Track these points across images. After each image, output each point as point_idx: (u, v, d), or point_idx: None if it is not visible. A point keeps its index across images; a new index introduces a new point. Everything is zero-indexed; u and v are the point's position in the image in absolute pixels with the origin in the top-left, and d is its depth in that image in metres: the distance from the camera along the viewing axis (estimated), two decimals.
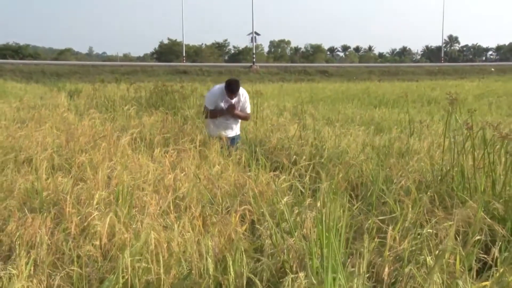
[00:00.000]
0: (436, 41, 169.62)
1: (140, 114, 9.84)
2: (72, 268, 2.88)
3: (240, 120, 7.00)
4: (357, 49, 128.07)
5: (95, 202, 3.73)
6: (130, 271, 2.79)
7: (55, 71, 37.13)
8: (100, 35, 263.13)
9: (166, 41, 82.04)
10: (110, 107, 11.57)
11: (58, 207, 3.77)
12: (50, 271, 2.94)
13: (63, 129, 7.53)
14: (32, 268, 2.91)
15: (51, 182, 4.43)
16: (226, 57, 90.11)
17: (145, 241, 3.01)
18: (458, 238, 3.11)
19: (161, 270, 2.88)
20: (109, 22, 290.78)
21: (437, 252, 2.89)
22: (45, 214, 3.53)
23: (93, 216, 3.36)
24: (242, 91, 6.68)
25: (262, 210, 3.61)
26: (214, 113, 6.68)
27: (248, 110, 6.93)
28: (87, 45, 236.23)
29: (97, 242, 3.16)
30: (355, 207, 3.74)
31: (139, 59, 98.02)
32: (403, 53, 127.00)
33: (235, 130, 6.95)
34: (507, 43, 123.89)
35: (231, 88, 6.51)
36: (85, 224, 3.41)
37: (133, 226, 3.29)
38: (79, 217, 3.48)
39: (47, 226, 3.37)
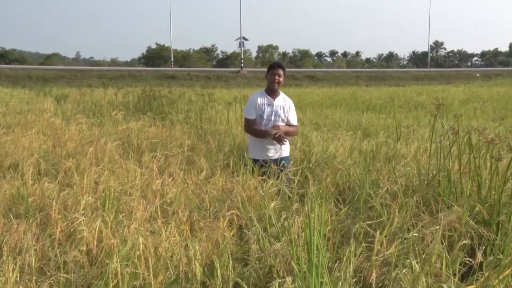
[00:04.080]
0: (422, 47, 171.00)
1: (128, 119, 9.82)
2: (58, 274, 2.86)
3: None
4: (344, 54, 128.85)
5: (81, 208, 3.70)
6: (119, 276, 2.77)
7: (41, 76, 36.84)
8: (88, 40, 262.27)
9: (154, 46, 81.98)
10: (98, 112, 11.53)
11: (44, 212, 3.75)
12: (36, 277, 2.92)
13: (49, 134, 7.50)
14: (18, 274, 2.88)
15: (37, 188, 4.40)
16: (214, 62, 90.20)
17: (132, 246, 3.00)
18: (444, 242, 3.13)
19: (149, 275, 2.87)
20: (96, 27, 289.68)
21: (423, 256, 2.91)
22: (30, 220, 3.50)
23: (79, 221, 3.35)
24: (286, 97, 5.64)
25: (250, 215, 3.61)
26: (254, 131, 5.46)
27: (295, 122, 5.69)
28: (74, 50, 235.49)
29: (84, 248, 3.14)
30: (343, 211, 3.75)
31: (126, 64, 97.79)
32: (390, 59, 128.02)
33: (281, 148, 5.52)
34: (491, 49, 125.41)
35: (275, 64, 5.55)
36: (72, 229, 3.39)
37: (120, 231, 3.27)
38: (65, 223, 3.46)
39: (33, 232, 3.35)
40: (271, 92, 5.51)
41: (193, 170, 5.24)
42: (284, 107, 5.55)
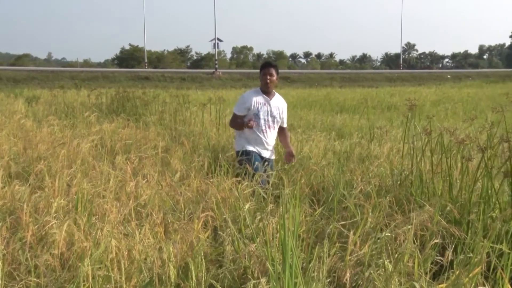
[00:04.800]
0: (395, 48, 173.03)
1: (101, 120, 9.71)
2: (29, 278, 2.81)
3: (275, 138, 5.67)
4: (318, 55, 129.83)
5: (53, 211, 3.65)
6: (90, 280, 2.74)
7: (12, 77, 36.12)
8: (60, 41, 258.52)
9: (127, 47, 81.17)
10: (70, 113, 11.37)
11: (14, 216, 3.67)
12: (6, 282, 2.86)
13: (20, 136, 7.36)
14: None
15: (8, 191, 4.31)
16: (189, 63, 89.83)
17: (105, 249, 2.97)
18: (416, 242, 3.18)
19: (122, 278, 2.84)
20: (69, 27, 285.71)
21: (396, 255, 2.94)
22: (0, 224, 3.43)
23: (51, 224, 3.29)
24: (281, 98, 5.61)
25: (224, 216, 3.61)
26: (237, 123, 5.42)
27: (286, 124, 5.72)
28: (46, 51, 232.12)
29: (56, 251, 3.09)
30: (317, 212, 3.77)
31: (100, 65, 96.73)
32: (363, 60, 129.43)
33: (270, 150, 5.57)
34: (462, 51, 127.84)
35: (267, 63, 5.50)
36: (43, 233, 3.34)
37: (93, 234, 3.23)
38: (36, 226, 3.40)
39: (3, 235, 3.28)
40: (266, 92, 5.43)
41: (168, 172, 5.21)
42: (279, 108, 5.51)
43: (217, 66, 49.47)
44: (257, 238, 3.24)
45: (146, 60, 60.76)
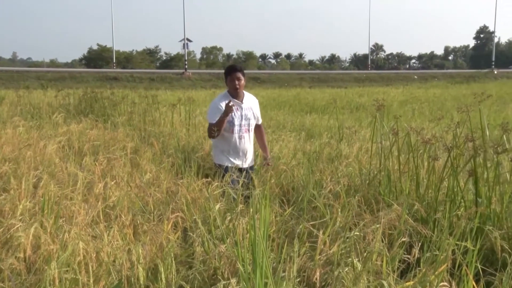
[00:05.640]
0: (363, 49, 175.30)
1: (69, 121, 9.56)
2: None
3: (253, 141, 5.44)
4: (288, 56, 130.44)
5: (19, 213, 3.58)
6: (57, 283, 2.69)
7: None
8: (25, 40, 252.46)
9: (95, 47, 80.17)
10: (36, 114, 11.16)
11: None
12: None
13: None
14: None
15: None
16: (158, 64, 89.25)
17: (73, 251, 2.92)
18: (385, 240, 3.22)
19: (90, 281, 2.80)
20: (34, 26, 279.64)
21: (365, 254, 2.98)
22: None
23: (16, 227, 3.23)
24: (251, 97, 5.38)
25: (194, 217, 3.59)
26: (217, 124, 4.97)
27: (260, 120, 5.54)
28: (11, 50, 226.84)
29: (21, 255, 3.03)
30: (287, 212, 3.79)
31: (67, 65, 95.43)
32: (332, 61, 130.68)
33: (251, 156, 5.36)
34: (428, 52, 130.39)
35: (233, 68, 5.22)
36: (8, 236, 3.27)
37: (60, 236, 3.18)
38: (1, 229, 3.33)
39: None
40: (236, 95, 5.18)
41: (137, 173, 5.16)
42: (252, 108, 5.29)
43: (186, 66, 49.27)
44: (227, 239, 3.25)
45: (114, 60, 60.12)
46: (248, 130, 5.25)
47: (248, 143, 5.24)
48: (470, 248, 2.93)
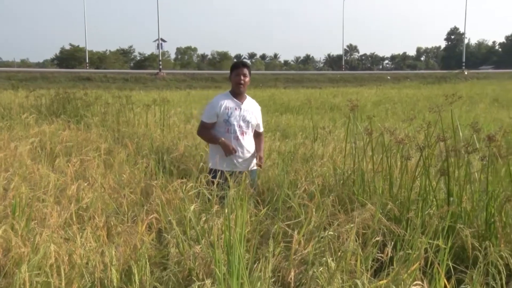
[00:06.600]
0: (337, 50, 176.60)
1: (40, 122, 9.41)
2: None
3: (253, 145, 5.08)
4: (263, 56, 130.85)
5: None
6: (28, 286, 2.65)
7: None
8: None
9: (67, 47, 79.06)
10: (7, 115, 10.95)
11: None
12: None
13: None
14: None
15: None
16: (132, 64, 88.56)
17: (44, 254, 2.87)
18: (358, 240, 3.25)
19: (62, 284, 2.76)
20: (4, 25, 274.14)
21: (339, 254, 3.00)
22: None
23: None
24: (253, 102, 5.17)
25: (169, 218, 3.57)
26: (209, 136, 4.90)
27: (262, 128, 5.27)
28: None
29: None
30: (262, 212, 3.79)
31: (38, 65, 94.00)
32: (307, 61, 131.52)
33: (249, 157, 4.99)
34: (401, 53, 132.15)
35: (240, 63, 5.11)
36: None
37: (32, 239, 3.12)
38: None
39: None
40: (237, 95, 4.98)
41: (111, 174, 5.10)
42: (253, 112, 5.03)
43: (161, 66, 48.94)
44: (202, 240, 3.23)
45: (87, 61, 59.45)
46: (245, 133, 4.94)
47: (245, 145, 4.91)
48: (442, 247, 2.98)
